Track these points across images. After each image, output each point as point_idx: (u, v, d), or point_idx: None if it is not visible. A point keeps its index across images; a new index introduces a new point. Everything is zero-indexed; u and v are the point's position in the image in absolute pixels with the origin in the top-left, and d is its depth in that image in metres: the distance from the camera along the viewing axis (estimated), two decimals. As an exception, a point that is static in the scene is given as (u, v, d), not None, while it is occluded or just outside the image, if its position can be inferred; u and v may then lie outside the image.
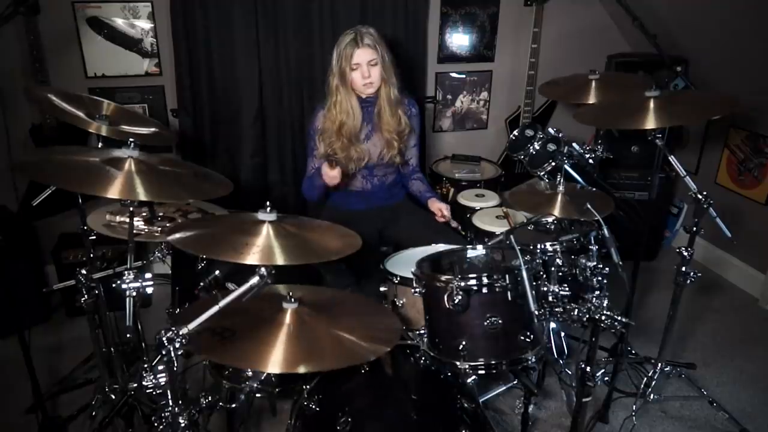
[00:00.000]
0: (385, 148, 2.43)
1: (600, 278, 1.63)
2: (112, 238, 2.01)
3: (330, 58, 2.34)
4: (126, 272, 1.49)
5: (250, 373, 1.74)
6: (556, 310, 1.65)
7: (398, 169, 2.60)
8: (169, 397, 1.27)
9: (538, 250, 1.84)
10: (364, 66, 2.26)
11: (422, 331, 1.78)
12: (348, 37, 2.26)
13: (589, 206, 1.74)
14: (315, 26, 2.99)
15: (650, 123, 1.89)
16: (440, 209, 2.43)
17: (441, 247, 2.14)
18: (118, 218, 2.11)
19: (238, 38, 2.92)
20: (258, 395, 1.80)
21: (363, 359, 1.32)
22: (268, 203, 1.43)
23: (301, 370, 1.27)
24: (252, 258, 1.28)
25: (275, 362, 1.26)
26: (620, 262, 1.59)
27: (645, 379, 2.26)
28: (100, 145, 1.98)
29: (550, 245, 1.84)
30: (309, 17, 2.98)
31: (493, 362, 1.66)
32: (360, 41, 2.24)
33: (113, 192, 1.43)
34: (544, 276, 1.73)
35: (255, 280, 1.28)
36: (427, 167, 3.37)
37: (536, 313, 1.62)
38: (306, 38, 3.01)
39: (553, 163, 2.14)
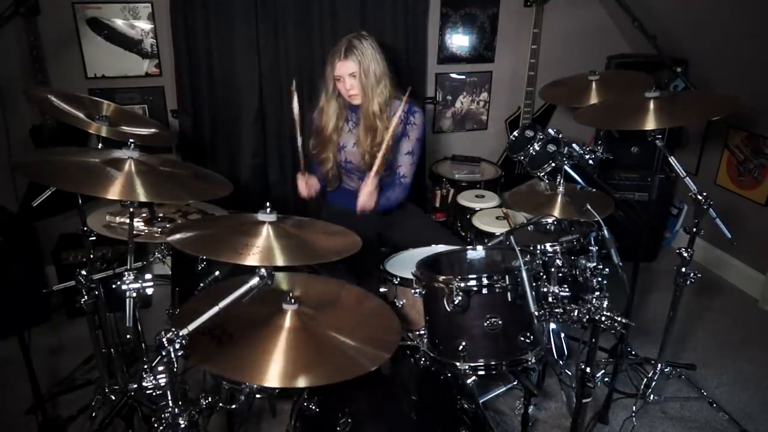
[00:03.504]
0: (367, 155, 2.36)
1: (600, 279, 1.63)
2: (112, 239, 2.02)
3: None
4: (126, 273, 1.49)
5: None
6: (556, 310, 1.64)
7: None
8: (169, 397, 1.27)
9: (538, 251, 1.84)
10: (345, 78, 2.25)
11: (422, 332, 1.78)
12: (339, 46, 2.25)
13: (588, 207, 1.75)
14: (315, 27, 3.00)
15: (650, 124, 1.89)
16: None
17: (441, 247, 2.14)
18: (118, 219, 2.11)
19: (238, 38, 2.92)
20: (258, 396, 1.79)
21: (364, 369, 1.30)
22: (268, 204, 1.43)
23: (300, 384, 1.26)
24: (252, 259, 1.28)
25: (273, 375, 1.25)
26: (620, 263, 1.60)
27: (645, 379, 2.26)
28: (100, 145, 1.98)
29: (550, 246, 1.85)
30: (309, 18, 2.98)
31: (493, 363, 1.66)
32: (345, 53, 2.22)
33: (113, 193, 1.43)
34: (544, 277, 1.72)
35: (255, 280, 1.28)
36: (427, 168, 3.37)
37: (536, 313, 1.62)
38: (306, 38, 3.01)
39: (553, 164, 2.14)
